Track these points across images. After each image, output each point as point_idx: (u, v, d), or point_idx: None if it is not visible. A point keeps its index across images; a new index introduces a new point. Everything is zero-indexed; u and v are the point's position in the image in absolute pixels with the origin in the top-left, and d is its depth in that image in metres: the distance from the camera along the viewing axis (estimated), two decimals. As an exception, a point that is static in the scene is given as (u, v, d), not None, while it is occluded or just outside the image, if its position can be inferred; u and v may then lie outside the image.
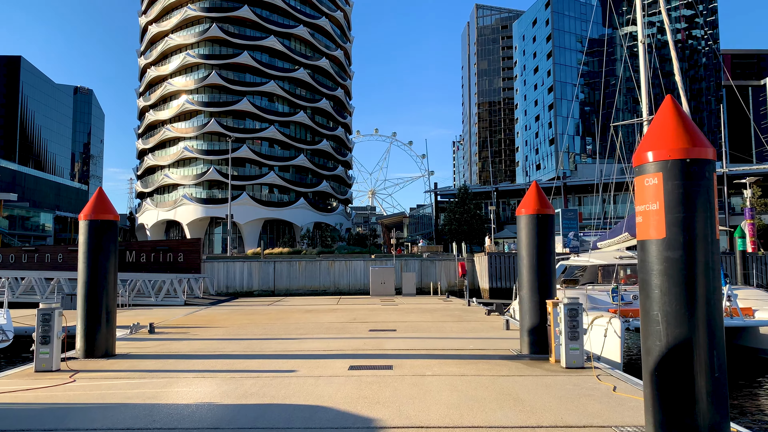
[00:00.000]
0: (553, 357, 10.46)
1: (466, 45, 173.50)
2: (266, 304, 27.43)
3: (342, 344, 13.08)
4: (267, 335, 15.15)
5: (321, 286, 36.68)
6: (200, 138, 74.05)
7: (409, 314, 20.40)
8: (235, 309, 24.23)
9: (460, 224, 65.43)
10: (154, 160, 78.00)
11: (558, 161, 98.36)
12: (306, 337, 14.50)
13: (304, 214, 76.15)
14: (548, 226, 11.49)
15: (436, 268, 36.94)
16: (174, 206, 73.55)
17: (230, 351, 12.38)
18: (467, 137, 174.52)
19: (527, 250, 11.47)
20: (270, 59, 76.67)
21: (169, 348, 12.90)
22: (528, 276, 11.43)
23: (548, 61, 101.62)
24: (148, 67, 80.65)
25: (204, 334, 15.72)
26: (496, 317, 18.98)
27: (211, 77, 72.84)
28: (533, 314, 11.30)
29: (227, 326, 17.49)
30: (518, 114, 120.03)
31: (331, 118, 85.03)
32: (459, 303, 26.05)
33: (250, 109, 73.43)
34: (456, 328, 16.20)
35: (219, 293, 35.55)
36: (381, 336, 14.51)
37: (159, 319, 19.86)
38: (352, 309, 23.13)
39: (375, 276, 32.63)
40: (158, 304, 26.99)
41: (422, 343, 13.16)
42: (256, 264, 36.40)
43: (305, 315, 20.73)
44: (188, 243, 37.36)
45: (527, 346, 11.38)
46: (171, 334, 15.59)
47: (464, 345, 12.75)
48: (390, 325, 16.86)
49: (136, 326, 16.09)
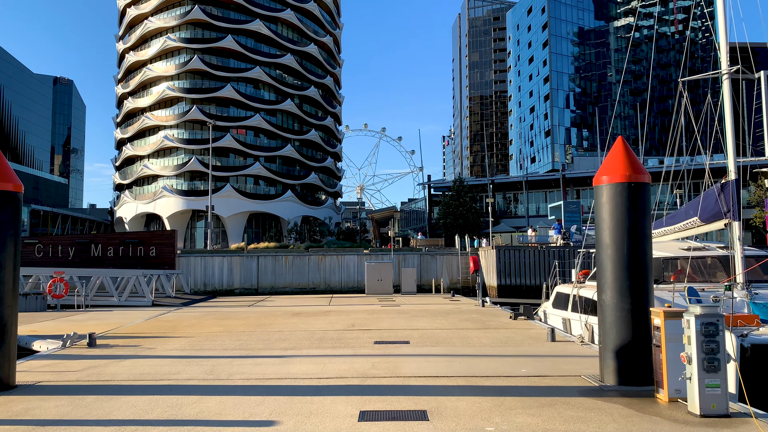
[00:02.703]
0: (665, 393, 6.96)
1: (457, 37, 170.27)
2: (247, 304, 23.77)
3: (342, 366, 9.50)
4: (241, 350, 11.53)
5: (310, 283, 33.04)
6: (181, 126, 69.85)
7: (418, 318, 16.86)
8: (209, 311, 20.55)
9: (455, 218, 62.23)
10: (133, 150, 73.69)
11: (554, 153, 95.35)
12: (292, 354, 10.89)
13: (291, 208, 72.26)
14: (643, 199, 7.99)
15: (437, 264, 33.43)
16: (154, 198, 69.37)
17: (185, 378, 8.76)
18: (458, 131, 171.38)
19: (613, 234, 7.96)
20: (256, 44, 72.57)
21: (101, 373, 9.25)
22: (614, 273, 7.92)
23: (544, 50, 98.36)
24: (126, 52, 76.20)
25: (160, 347, 12.07)
26: (525, 322, 15.51)
27: (193, 62, 68.64)
28: (623, 328, 7.80)
29: (193, 335, 13.85)
30: (512, 105, 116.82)
31: (320, 107, 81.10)
32: (470, 303, 22.56)
33: (235, 96, 69.33)
34: (485, 338, 12.68)
35: (195, 292, 31.80)
36: (392, 352, 10.96)
37: (113, 324, 16.18)
38: (347, 311, 19.55)
39: (371, 272, 29.09)
40: (121, 304, 23.26)
41: (451, 364, 9.63)
42: (238, 259, 32.66)
43: (292, 320, 17.11)
44: (161, 235, 33.57)
45: (613, 374, 7.87)
46: (116, 349, 11.94)
47: (512, 367, 9.23)
48: (400, 335, 13.30)
49: (72, 337, 12.41)
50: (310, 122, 77.71)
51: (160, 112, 71.28)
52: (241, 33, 71.05)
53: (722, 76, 12.61)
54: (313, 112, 79.52)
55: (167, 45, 69.90)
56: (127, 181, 74.74)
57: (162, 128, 70.59)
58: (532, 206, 68.43)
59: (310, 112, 78.26)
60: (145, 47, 73.30)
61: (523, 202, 68.95)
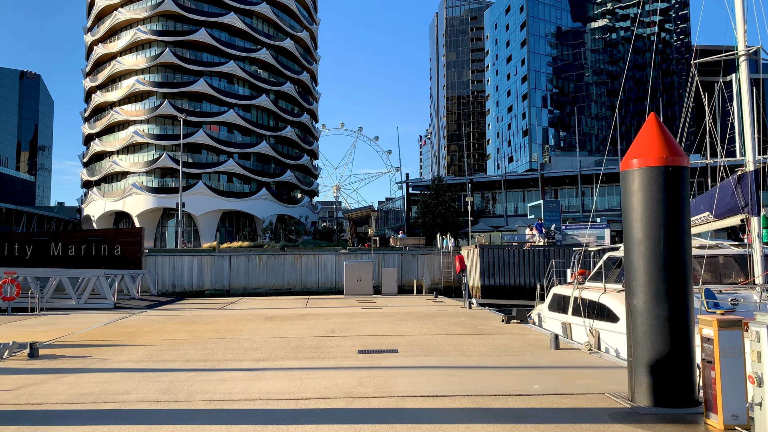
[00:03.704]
0: (719, 419, 5.73)
1: (434, 37, 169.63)
2: (217, 307, 22.19)
3: (323, 383, 8.12)
4: (206, 361, 10.07)
5: (285, 284, 31.48)
6: (152, 122, 67.48)
7: (404, 322, 15.53)
8: (175, 315, 18.96)
9: (434, 217, 61.19)
10: (102, 145, 71.07)
11: (532, 153, 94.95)
12: (265, 367, 9.47)
13: (266, 206, 70.39)
14: (683, 186, 6.78)
15: (418, 263, 32.15)
16: (123, 196, 66.90)
17: (134, 400, 7.30)
18: (435, 131, 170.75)
19: (647, 228, 6.74)
20: (230, 38, 70.52)
21: (33, 393, 7.73)
22: (649, 273, 6.69)
23: (522, 49, 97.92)
24: (95, 44, 73.50)
25: (114, 358, 10.54)
26: (520, 327, 14.29)
27: (164, 55, 66.37)
28: (659, 339, 6.56)
29: (154, 343, 12.33)
30: (489, 105, 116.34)
31: (296, 103, 79.30)
32: (456, 305, 21.31)
33: (208, 90, 67.21)
34: (481, 346, 11.41)
35: (163, 293, 30.02)
36: (380, 363, 9.61)
37: (64, 331, 14.55)
38: (326, 314, 18.14)
39: (350, 272, 27.68)
40: (80, 307, 21.50)
41: (450, 378, 8.31)
42: (209, 258, 30.95)
43: (265, 324, 15.65)
44: (127, 233, 31.72)
45: (647, 393, 6.63)
46: (61, 361, 10.39)
47: (521, 383, 7.94)
48: (386, 342, 11.96)
49: (11, 347, 10.82)
50: (286, 119, 75.95)
51: (130, 106, 68.87)
52: (214, 26, 69.03)
53: (739, 56, 11.52)
54: (289, 109, 77.75)
55: (138, 37, 67.57)
56: (95, 177, 72.13)
57: (132, 123, 68.23)
58: (511, 206, 67.75)
59: (286, 109, 76.48)
60: (115, 39, 70.83)
61: (501, 201, 68.23)
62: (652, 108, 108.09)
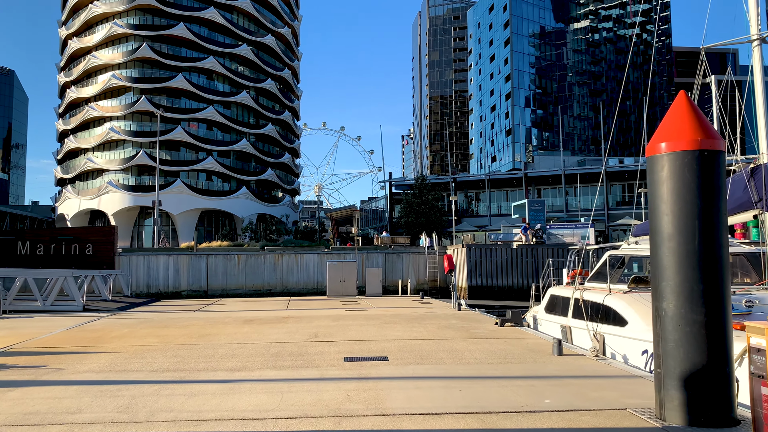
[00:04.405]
0: (772, 445, 4.90)
1: (417, 36, 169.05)
2: (193, 309, 21.07)
3: (307, 398, 7.16)
4: (176, 371, 9.04)
5: (266, 284, 30.36)
6: (129, 118, 65.77)
7: (392, 326, 14.61)
8: (147, 318, 17.83)
9: (417, 216, 60.43)
10: (76, 142, 69.13)
11: (515, 152, 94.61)
12: (241, 379, 8.47)
13: (246, 205, 69.02)
14: (719, 173, 5.94)
15: (403, 263, 31.24)
16: (98, 194, 65.08)
17: (86, 421, 6.26)
18: (417, 130, 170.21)
19: (678, 221, 5.89)
20: (210, 33, 69.06)
21: (-30, 412, 6.67)
22: (681, 273, 5.84)
23: (506, 48, 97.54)
24: (70, 38, 71.50)
25: (72, 368, 9.47)
26: (515, 330, 13.45)
27: (141, 50, 64.72)
28: (693, 348, 5.72)
29: (120, 350, 11.25)
30: (472, 104, 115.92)
31: (278, 100, 77.99)
32: (444, 306, 20.45)
33: (187, 86, 65.70)
34: (477, 352, 10.52)
35: (138, 294, 28.76)
36: (370, 373, 8.66)
37: (24, 336, 13.40)
38: (308, 317, 17.15)
39: (333, 272, 26.70)
40: (46, 309, 20.24)
41: (450, 391, 7.40)
42: (185, 258, 29.72)
43: (243, 328, 14.62)
44: (99, 231, 30.40)
45: (679, 410, 5.78)
46: (12, 371, 9.28)
47: (530, 396, 7.06)
48: (374, 348, 11.02)
49: (-43, 356, 9.70)
50: (267, 116, 74.63)
51: (105, 102, 67.10)
52: (194, 21, 67.54)
53: (753, 41, 10.78)
54: (271, 106, 76.43)
55: (114, 31, 65.83)
56: (69, 175, 70.18)
57: (108, 119, 66.48)
58: (494, 205, 67.24)
59: (267, 106, 75.16)
60: (90, 33, 68.98)
61: (484, 201, 67.69)
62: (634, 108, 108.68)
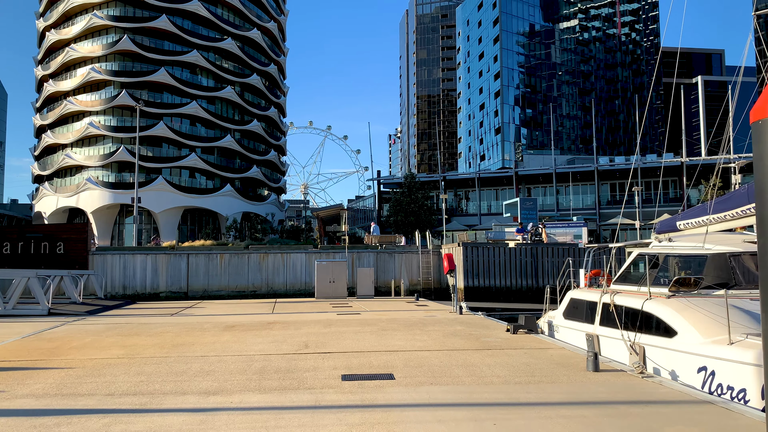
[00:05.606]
0: None
1: (404, 34, 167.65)
2: (170, 313, 19.32)
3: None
4: (135, 396, 7.37)
5: (250, 285, 28.62)
6: (109, 113, 63.48)
7: (391, 333, 13.01)
8: (117, 324, 16.07)
9: (406, 215, 59.03)
10: (54, 138, 66.66)
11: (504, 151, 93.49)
12: (216, 407, 6.82)
13: (230, 203, 67.02)
14: None
15: (395, 263, 29.67)
16: (77, 191, 62.73)
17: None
18: (405, 129, 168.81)
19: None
20: (193, 26, 66.95)
21: None
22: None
23: (495, 46, 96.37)
24: (47, 30, 68.99)
25: (10, 391, 7.76)
26: (531, 339, 11.92)
27: (122, 43, 62.46)
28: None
29: (74, 365, 9.55)
30: (461, 102, 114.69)
31: (263, 96, 76.04)
32: (443, 309, 18.90)
33: (169, 81, 63.54)
34: (497, 366, 8.96)
35: (113, 296, 26.90)
36: (375, 399, 7.06)
37: (-32, 347, 11.62)
38: (296, 322, 15.51)
39: (322, 272, 25.06)
40: (7, 314, 18.41)
41: (481, 425, 5.83)
42: (164, 257, 27.89)
43: (223, 336, 12.95)
44: (71, 229, 28.45)
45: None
46: (-66, 395, 7.56)
47: (585, 433, 5.51)
48: (375, 362, 9.41)
49: None
50: (252, 112, 72.66)
51: (85, 96, 64.72)
52: (177, 13, 65.38)
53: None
54: (256, 102, 74.48)
55: (93, 23, 63.51)
56: (47, 172, 67.67)
57: (87, 114, 64.12)
58: (484, 204, 66.01)
59: (252, 102, 73.20)
60: (69, 25, 66.53)
61: (474, 199, 66.44)
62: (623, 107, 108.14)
